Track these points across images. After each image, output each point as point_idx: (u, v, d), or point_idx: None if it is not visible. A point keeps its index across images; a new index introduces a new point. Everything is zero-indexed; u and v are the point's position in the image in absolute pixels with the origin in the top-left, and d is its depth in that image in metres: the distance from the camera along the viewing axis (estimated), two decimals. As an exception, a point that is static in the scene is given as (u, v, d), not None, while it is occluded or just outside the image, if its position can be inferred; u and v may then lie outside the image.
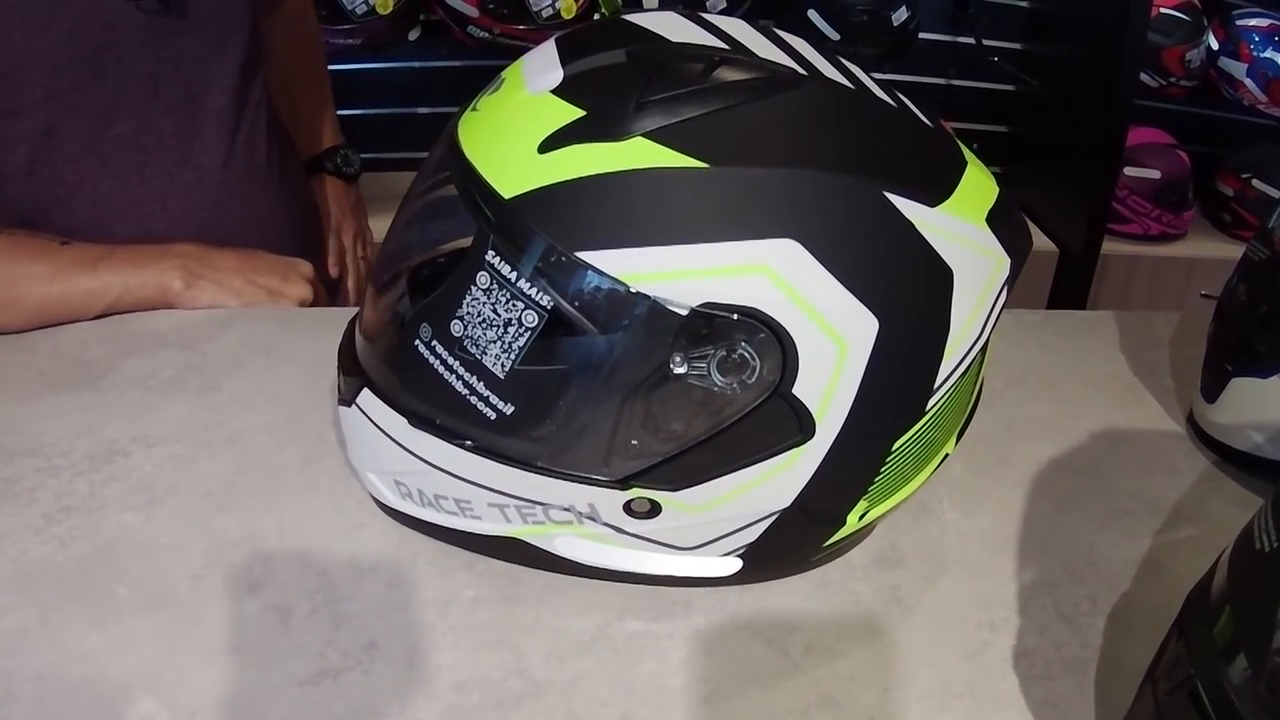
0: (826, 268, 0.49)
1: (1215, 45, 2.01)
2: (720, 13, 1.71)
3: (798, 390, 0.51)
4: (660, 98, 0.48)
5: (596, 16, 1.79)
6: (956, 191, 0.53)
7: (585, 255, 0.48)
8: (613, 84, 0.50)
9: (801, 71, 0.52)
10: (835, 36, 1.73)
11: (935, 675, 0.57)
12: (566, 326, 0.49)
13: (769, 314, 0.49)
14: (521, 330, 0.50)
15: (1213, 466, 0.76)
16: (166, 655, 0.56)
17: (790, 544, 0.59)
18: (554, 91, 0.51)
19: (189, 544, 0.64)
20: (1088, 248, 1.87)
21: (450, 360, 0.52)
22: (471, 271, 0.50)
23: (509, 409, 0.52)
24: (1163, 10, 1.87)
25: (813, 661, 0.57)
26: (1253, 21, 1.97)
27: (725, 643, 0.58)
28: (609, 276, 0.48)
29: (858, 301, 0.50)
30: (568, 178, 0.48)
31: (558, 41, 0.55)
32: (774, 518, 0.56)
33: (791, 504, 0.55)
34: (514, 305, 0.49)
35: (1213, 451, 0.77)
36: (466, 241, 0.53)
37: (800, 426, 0.52)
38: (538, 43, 1.87)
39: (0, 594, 0.60)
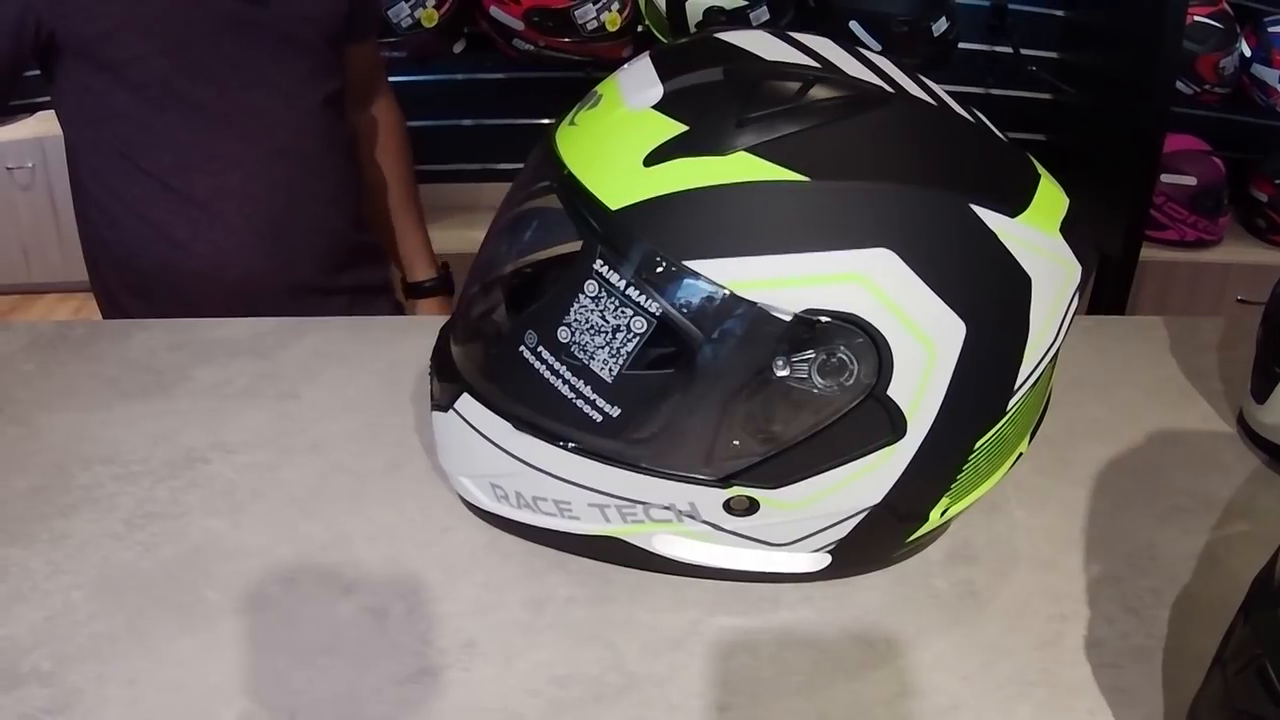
0: (919, 276, 0.51)
1: (1248, 52, 2.01)
2: (765, 24, 1.74)
3: (891, 392, 0.53)
4: (760, 114, 0.51)
5: (640, 29, 1.81)
6: (1033, 203, 0.56)
7: (692, 264, 0.50)
8: (713, 101, 0.52)
9: (888, 89, 0.55)
10: (876, 47, 1.75)
11: (1012, 664, 0.59)
12: (673, 332, 0.52)
13: (866, 319, 0.51)
14: (630, 336, 0.52)
15: (1263, 465, 0.78)
16: (262, 657, 0.58)
17: (876, 540, 0.61)
18: (655, 107, 0.53)
19: (278, 548, 0.66)
20: (1126, 254, 1.88)
21: (557, 365, 0.54)
22: (579, 280, 0.52)
23: (615, 412, 0.54)
24: (1196, 18, 1.88)
25: (896, 653, 0.59)
26: (1284, 27, 1.97)
27: (812, 636, 0.60)
28: (715, 284, 0.50)
29: (947, 307, 0.52)
30: (673, 190, 0.51)
31: (653, 58, 0.57)
32: (863, 514, 0.58)
33: (880, 501, 0.57)
34: (622, 312, 0.52)
35: (1262, 451, 0.79)
36: (566, 249, 0.55)
37: (892, 426, 0.54)
38: (583, 55, 1.93)
39: (85, 600, 0.62)
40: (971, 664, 0.59)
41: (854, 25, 1.75)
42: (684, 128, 0.52)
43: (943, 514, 0.61)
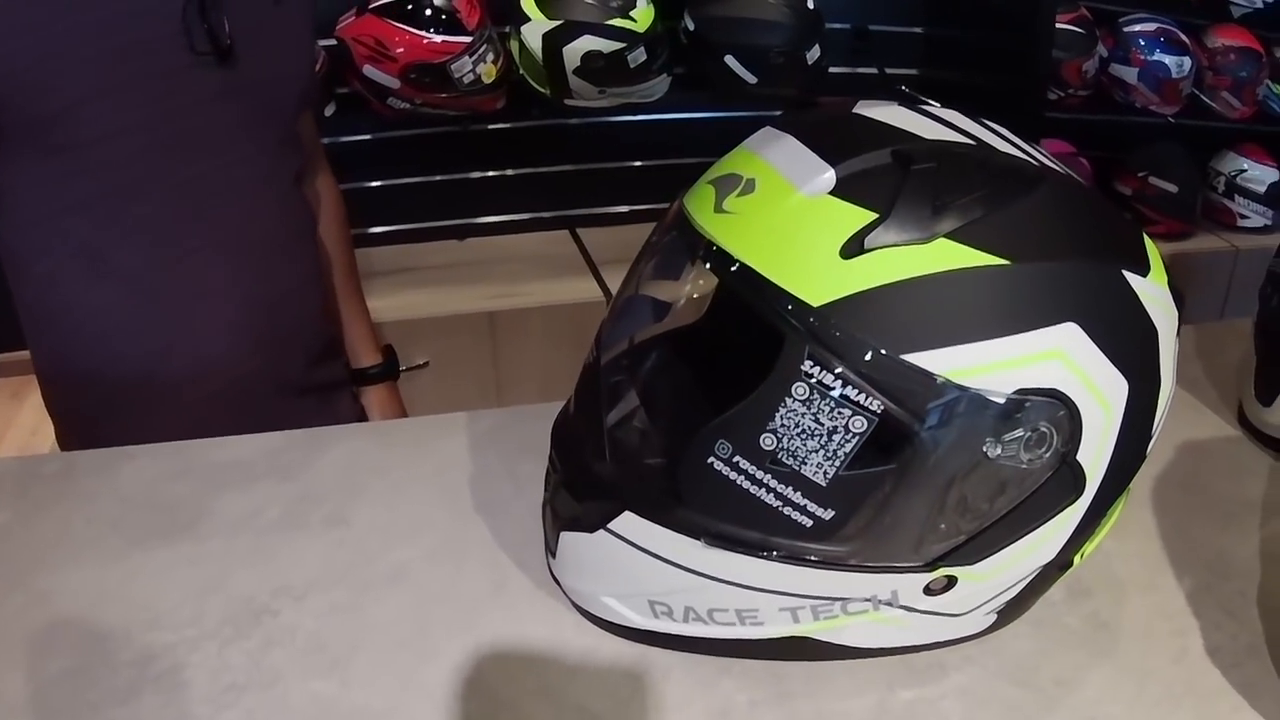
0: (1096, 344, 0.53)
1: (1105, 53, 2.14)
2: (641, 66, 1.74)
3: (1080, 455, 0.54)
4: (951, 199, 0.51)
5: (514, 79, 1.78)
6: (1151, 258, 0.58)
7: (910, 357, 0.50)
8: (895, 185, 0.51)
9: (1033, 163, 0.56)
10: (752, 80, 1.78)
11: (1158, 682, 0.63)
12: (890, 426, 0.51)
13: (1065, 392, 0.52)
14: (848, 437, 0.51)
15: (1275, 463, 0.85)
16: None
17: (1036, 593, 0.62)
18: (833, 194, 0.52)
19: (409, 704, 0.60)
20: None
21: (760, 475, 0.52)
22: (785, 383, 0.51)
23: (828, 515, 0.53)
24: (1059, 26, 1.98)
25: (1063, 692, 0.62)
26: (1139, 27, 2.12)
27: (989, 692, 0.61)
28: (934, 375, 0.50)
29: (1116, 369, 0.54)
30: (882, 283, 0.50)
31: (800, 136, 0.56)
32: (1037, 572, 0.59)
33: (1055, 557, 0.59)
34: (839, 413, 0.50)
35: (1271, 449, 0.86)
36: (741, 347, 0.53)
37: (1075, 486, 0.56)
38: (459, 110, 1.88)
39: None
40: (1127, 690, 0.62)
41: (730, 60, 1.78)
42: (875, 215, 0.51)
43: (1081, 557, 0.63)
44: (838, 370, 0.50)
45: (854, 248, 0.50)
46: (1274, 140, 2.30)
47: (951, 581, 0.57)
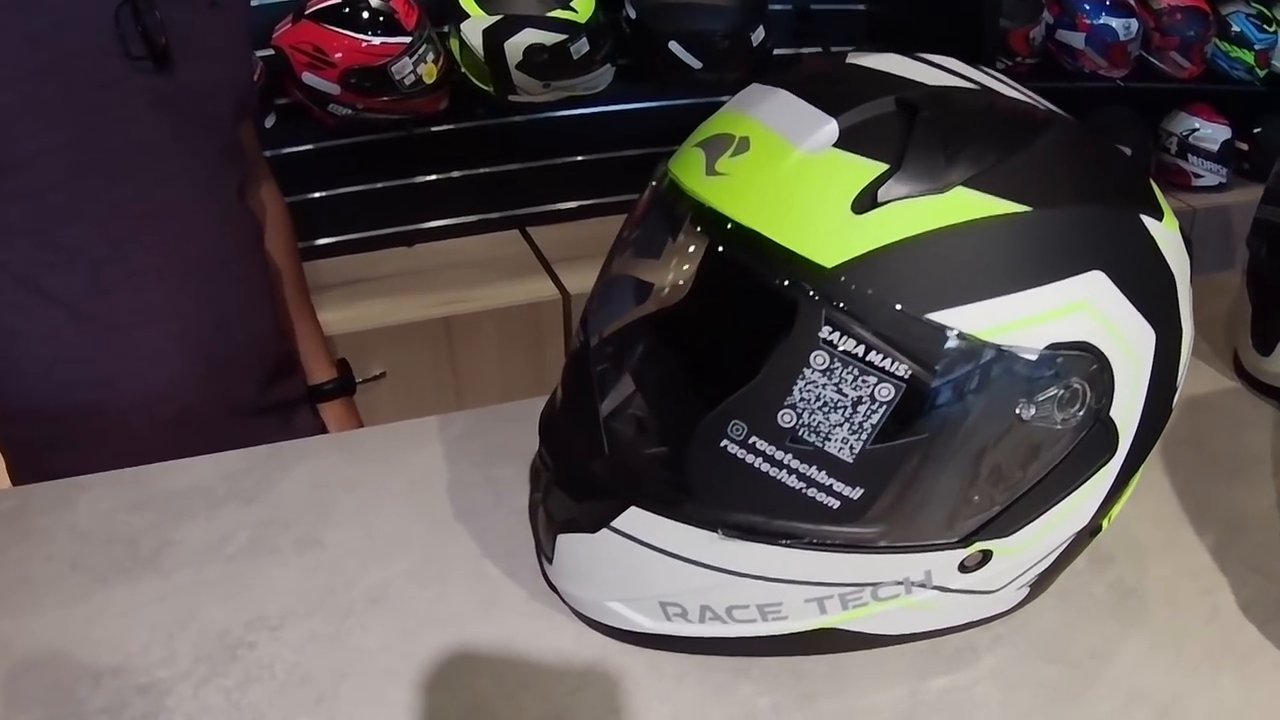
0: (1122, 291, 0.50)
1: (1050, 19, 2.12)
2: (585, 57, 1.70)
3: (1113, 412, 0.51)
4: (965, 145, 0.47)
5: (455, 79, 1.72)
6: (1163, 203, 0.55)
7: (936, 316, 0.46)
8: (903, 135, 0.48)
9: (1039, 106, 0.53)
10: (698, 65, 1.74)
11: (1197, 645, 0.60)
12: (919, 392, 0.47)
13: (1095, 345, 0.49)
14: (875, 406, 0.46)
15: (1277, 411, 0.83)
16: None
17: (1066, 562, 0.59)
18: (837, 147, 0.48)
19: (409, 735, 0.55)
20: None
21: (779, 455, 0.48)
22: (802, 352, 0.46)
23: (856, 493, 0.48)
24: None
25: (1100, 665, 0.59)
26: (1082, -10, 2.10)
27: (1024, 673, 0.58)
28: (963, 334, 0.46)
29: (1142, 318, 0.51)
30: (899, 238, 0.46)
31: (798, 92, 0.52)
32: (1070, 540, 0.56)
33: (1088, 523, 0.55)
34: (863, 381, 0.46)
35: (1273, 398, 0.84)
36: (741, 318, 0.49)
37: (1108, 445, 0.52)
38: (402, 114, 1.82)
39: None
40: (1164, 656, 0.60)
41: (674, 46, 1.73)
42: (885, 166, 0.47)
43: (1110, 520, 0.60)
44: (860, 335, 0.46)
45: (866, 202, 0.47)
46: (1224, 98, 2.30)
47: (986, 556, 0.53)
